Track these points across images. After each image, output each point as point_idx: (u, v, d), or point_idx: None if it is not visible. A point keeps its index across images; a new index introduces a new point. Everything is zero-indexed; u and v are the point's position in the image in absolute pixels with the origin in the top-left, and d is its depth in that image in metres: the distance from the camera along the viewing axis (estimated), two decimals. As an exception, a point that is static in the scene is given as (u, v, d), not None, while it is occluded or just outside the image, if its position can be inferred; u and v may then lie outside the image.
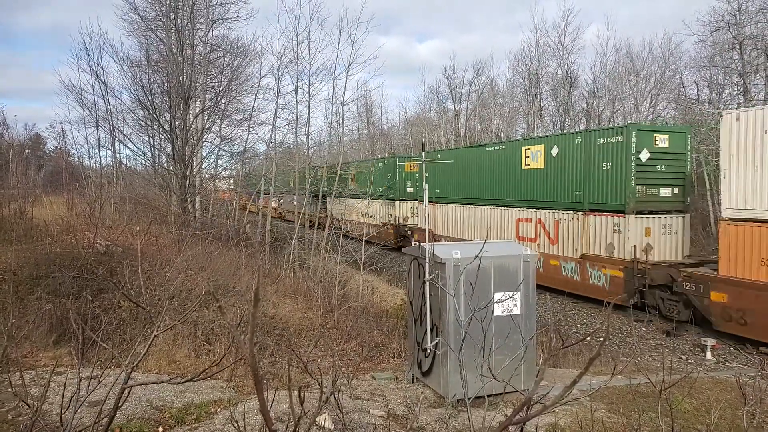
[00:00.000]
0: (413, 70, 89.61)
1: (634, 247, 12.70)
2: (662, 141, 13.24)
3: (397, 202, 24.14)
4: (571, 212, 14.48)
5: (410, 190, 24.10)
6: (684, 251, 13.78)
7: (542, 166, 15.51)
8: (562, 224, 14.83)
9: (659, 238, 13.26)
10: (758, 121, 9.98)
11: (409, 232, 22.59)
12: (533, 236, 15.80)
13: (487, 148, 18.27)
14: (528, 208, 16.04)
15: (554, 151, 15.07)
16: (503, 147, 17.33)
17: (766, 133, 9.85)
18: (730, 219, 10.56)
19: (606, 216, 13.47)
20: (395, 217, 24.19)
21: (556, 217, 14.96)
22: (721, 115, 10.82)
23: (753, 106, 12.17)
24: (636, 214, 12.91)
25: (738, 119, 10.31)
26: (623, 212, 12.97)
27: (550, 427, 5.59)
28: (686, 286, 11.44)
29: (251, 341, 0.88)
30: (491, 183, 17.63)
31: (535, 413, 1.14)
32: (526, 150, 16.17)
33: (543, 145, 15.57)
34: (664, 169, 13.30)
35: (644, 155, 12.95)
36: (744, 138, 10.20)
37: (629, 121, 29.92)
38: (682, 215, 13.85)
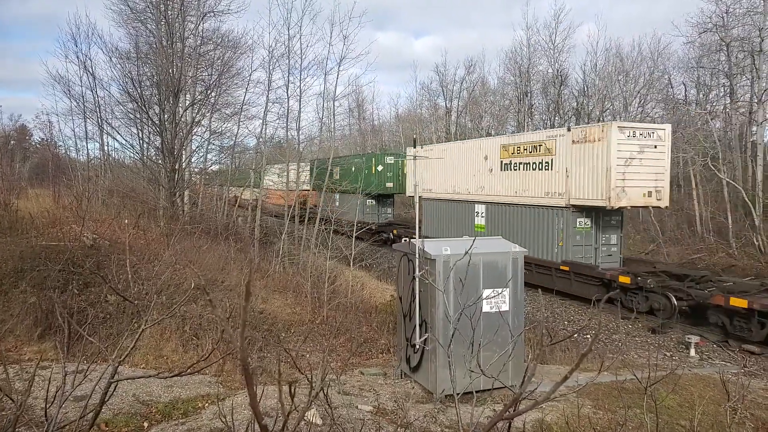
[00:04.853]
0: (409, 66, 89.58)
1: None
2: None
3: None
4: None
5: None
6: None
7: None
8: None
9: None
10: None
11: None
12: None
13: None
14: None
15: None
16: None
17: None
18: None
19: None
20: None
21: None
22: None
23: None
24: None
25: None
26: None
27: (536, 423, 5.64)
28: None
29: (242, 335, 0.87)
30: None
31: (525, 409, 1.14)
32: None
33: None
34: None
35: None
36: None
37: (618, 120, 30.34)
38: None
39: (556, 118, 33.70)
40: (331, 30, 19.67)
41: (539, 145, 15.03)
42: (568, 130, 14.27)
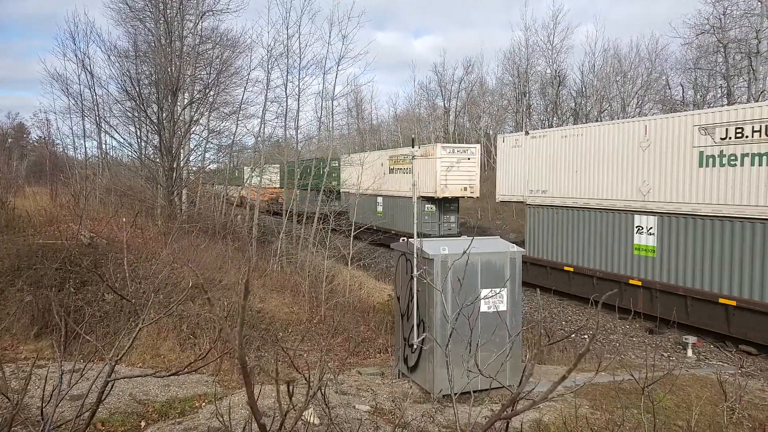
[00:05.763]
0: (408, 66, 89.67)
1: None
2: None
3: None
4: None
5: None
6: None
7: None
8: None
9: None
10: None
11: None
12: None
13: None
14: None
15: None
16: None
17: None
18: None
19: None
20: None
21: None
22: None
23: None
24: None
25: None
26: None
27: (534, 423, 5.64)
28: None
29: (240, 334, 0.87)
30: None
31: (523, 409, 1.14)
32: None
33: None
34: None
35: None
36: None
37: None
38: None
39: (554, 119, 33.76)
40: (330, 29, 19.65)
41: (407, 157, 22.23)
42: (419, 147, 21.51)
